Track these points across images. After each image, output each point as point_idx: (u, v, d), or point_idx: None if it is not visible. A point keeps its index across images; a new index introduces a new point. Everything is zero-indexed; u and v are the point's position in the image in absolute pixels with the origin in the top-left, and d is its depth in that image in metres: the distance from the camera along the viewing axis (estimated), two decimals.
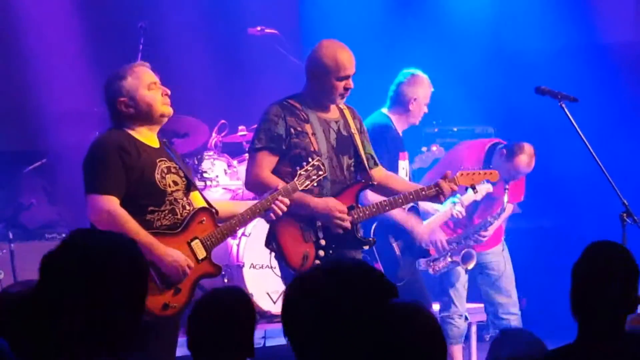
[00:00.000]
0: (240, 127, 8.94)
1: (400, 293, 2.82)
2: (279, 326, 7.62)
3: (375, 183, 6.04)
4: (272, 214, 5.45)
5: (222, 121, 9.02)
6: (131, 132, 5.19)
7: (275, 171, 5.83)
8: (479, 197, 7.39)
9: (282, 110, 5.85)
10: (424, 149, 6.85)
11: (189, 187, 5.34)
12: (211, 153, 8.82)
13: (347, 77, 5.90)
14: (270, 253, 5.99)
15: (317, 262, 5.74)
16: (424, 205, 7.26)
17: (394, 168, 6.98)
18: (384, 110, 7.33)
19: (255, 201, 5.56)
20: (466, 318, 7.87)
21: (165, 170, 5.19)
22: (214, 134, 8.99)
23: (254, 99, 7.84)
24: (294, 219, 5.76)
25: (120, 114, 5.19)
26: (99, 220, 5.01)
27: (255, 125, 6.07)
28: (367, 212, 5.91)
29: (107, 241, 2.75)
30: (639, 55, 10.11)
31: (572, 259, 7.31)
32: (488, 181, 7.00)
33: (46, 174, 9.11)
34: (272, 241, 5.84)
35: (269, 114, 5.87)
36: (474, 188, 6.33)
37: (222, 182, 8.49)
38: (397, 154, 7.19)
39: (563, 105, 6.81)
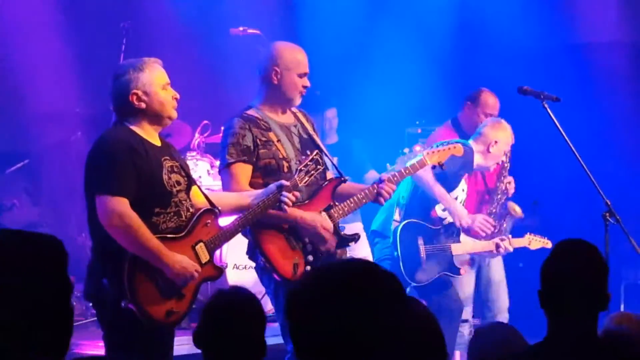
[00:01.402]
0: (223, 128, 8.93)
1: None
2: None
3: (348, 178, 6.05)
4: (284, 205, 5.37)
5: (205, 122, 9.02)
6: (136, 129, 5.06)
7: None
8: (532, 247, 7.53)
9: (246, 122, 5.80)
10: (406, 150, 6.84)
11: (190, 185, 5.24)
12: (194, 154, 8.81)
13: (305, 75, 5.93)
14: (259, 263, 5.83)
15: (308, 268, 5.69)
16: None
17: (454, 184, 7.25)
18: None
19: (257, 191, 5.48)
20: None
21: (170, 170, 5.08)
22: (196, 135, 8.98)
23: (237, 99, 7.81)
24: (276, 230, 5.72)
25: (129, 107, 5.05)
26: (111, 224, 4.85)
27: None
28: (346, 209, 5.90)
29: (23, 243, 2.64)
30: (621, 56, 10.14)
31: None
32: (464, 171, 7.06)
33: (28, 175, 9.08)
34: (258, 255, 5.74)
35: (233, 127, 5.79)
36: (442, 166, 6.35)
37: (205, 182, 8.47)
38: (462, 173, 7.37)
39: (546, 105, 6.83)
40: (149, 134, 5.11)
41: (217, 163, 8.69)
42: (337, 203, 5.89)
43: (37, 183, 9.32)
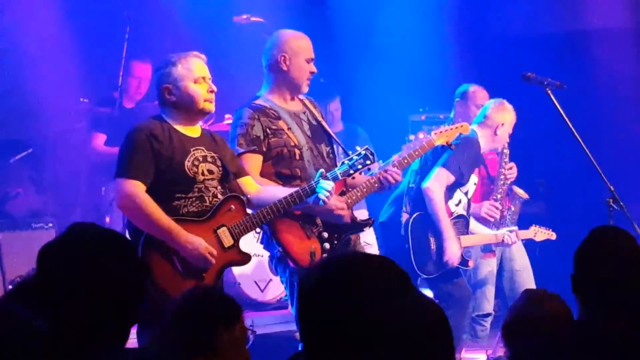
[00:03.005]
0: (226, 116, 8.92)
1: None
2: (266, 314, 7.65)
3: None
4: (324, 198, 5.39)
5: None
6: (170, 120, 5.26)
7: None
8: (538, 238, 7.52)
9: (255, 112, 5.84)
10: (411, 137, 6.84)
11: (227, 176, 5.34)
12: None
13: (312, 60, 5.98)
14: (275, 252, 5.86)
15: (325, 255, 5.71)
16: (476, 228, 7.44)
17: (465, 180, 7.25)
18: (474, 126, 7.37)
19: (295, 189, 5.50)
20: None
21: (201, 159, 5.22)
22: (200, 123, 8.97)
23: (240, 87, 7.81)
24: (291, 218, 5.74)
25: (163, 100, 5.27)
26: (122, 205, 5.12)
27: None
28: (359, 194, 5.91)
29: (103, 238, 2.76)
30: (625, 42, 10.11)
31: (559, 243, 7.35)
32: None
33: (33, 163, 9.08)
34: (274, 244, 5.77)
35: (242, 118, 5.85)
36: (450, 145, 6.35)
37: None
38: (473, 169, 7.38)
39: (549, 92, 6.82)
40: (184, 125, 5.30)
41: None
42: (349, 189, 5.90)
43: (41, 172, 9.31)
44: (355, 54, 10.24)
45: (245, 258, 5.33)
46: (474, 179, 7.42)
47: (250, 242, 7.99)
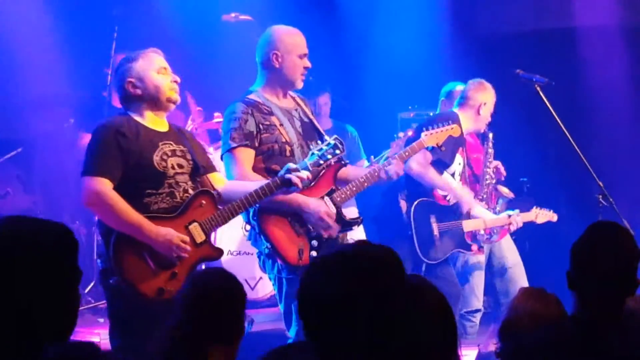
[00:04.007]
0: (216, 114, 8.92)
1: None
2: (257, 312, 7.62)
3: (348, 162, 6.08)
4: (297, 183, 5.30)
5: (198, 108, 9.01)
6: (136, 116, 5.22)
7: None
8: (539, 220, 7.54)
9: (248, 106, 5.82)
10: (400, 134, 6.86)
11: (197, 170, 5.30)
12: None
13: (305, 55, 5.97)
14: (263, 249, 5.84)
15: (313, 253, 5.70)
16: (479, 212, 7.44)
17: (450, 160, 7.33)
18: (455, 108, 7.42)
19: (266, 181, 5.45)
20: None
21: (169, 153, 5.18)
22: (189, 122, 8.97)
23: (229, 85, 7.81)
24: (280, 216, 5.74)
25: (127, 95, 5.23)
26: (89, 202, 5.04)
27: None
28: (348, 193, 5.91)
29: (26, 228, 2.70)
30: (616, 39, 10.13)
31: (549, 239, 7.35)
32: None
33: (21, 163, 9.06)
34: (263, 241, 5.76)
35: (236, 112, 5.82)
36: (440, 147, 6.37)
37: None
38: (457, 148, 7.43)
39: (538, 89, 6.85)
40: (151, 119, 5.24)
41: (211, 149, 8.72)
42: (339, 187, 5.90)
43: (30, 171, 9.30)
44: (345, 51, 10.25)
45: (217, 253, 5.30)
46: (458, 159, 7.43)
47: (240, 240, 8.00)
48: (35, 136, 9.27)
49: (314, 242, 5.74)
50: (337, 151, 5.55)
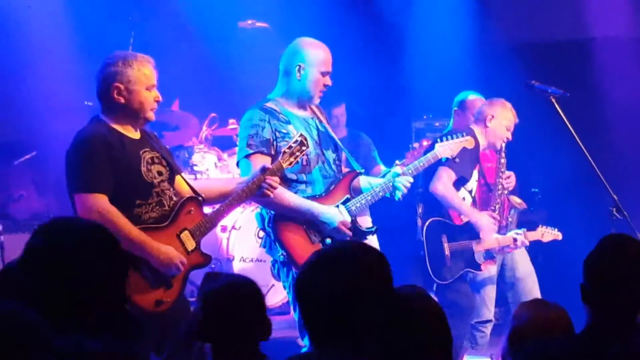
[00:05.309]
0: (230, 120, 8.94)
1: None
2: (271, 319, 7.64)
3: (363, 171, 6.10)
4: (265, 191, 5.32)
5: (213, 114, 9.03)
6: (113, 123, 5.07)
7: None
8: (545, 239, 7.53)
9: (265, 114, 5.84)
10: (415, 144, 6.88)
11: (173, 175, 5.25)
12: (201, 146, 8.81)
13: (328, 73, 5.97)
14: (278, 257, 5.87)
15: None
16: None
17: (468, 176, 7.31)
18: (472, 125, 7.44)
19: (241, 179, 5.48)
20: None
21: (150, 161, 5.11)
22: (204, 127, 8.99)
23: (245, 92, 7.84)
24: (296, 222, 5.77)
25: (108, 99, 5.06)
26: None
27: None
28: (363, 202, 5.93)
29: (80, 229, 2.90)
30: (629, 51, 10.11)
31: (562, 252, 7.34)
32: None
33: (36, 166, 9.09)
34: (278, 248, 5.77)
35: (253, 119, 5.83)
36: (454, 159, 6.38)
37: (212, 175, 8.48)
38: (474, 165, 7.41)
39: (553, 100, 6.83)
40: (126, 127, 5.12)
41: (225, 156, 8.74)
42: (353, 196, 5.92)
43: (44, 174, 9.32)
44: (360, 60, 10.25)
45: (206, 260, 5.26)
46: (475, 175, 7.45)
47: (253, 247, 8.01)
48: (50, 140, 9.30)
49: None
50: (304, 147, 5.56)
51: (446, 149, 6.31)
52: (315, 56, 5.93)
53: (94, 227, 2.94)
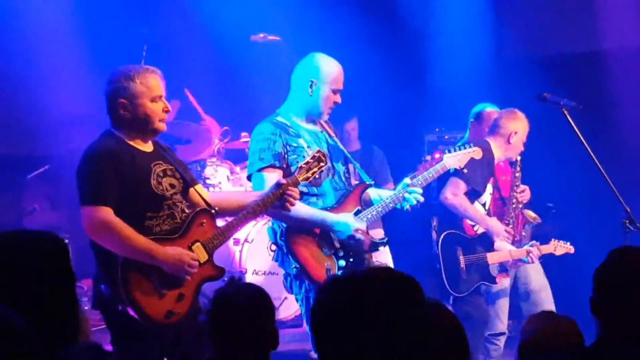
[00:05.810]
0: (243, 134, 8.95)
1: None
2: (281, 332, 7.63)
3: (373, 183, 6.12)
4: (287, 204, 5.33)
5: (225, 127, 9.05)
6: (124, 136, 5.09)
7: None
8: (557, 252, 7.53)
9: (276, 128, 5.86)
10: (427, 157, 6.86)
11: (187, 187, 5.23)
12: (214, 159, 8.83)
13: (339, 91, 5.99)
14: (291, 270, 5.86)
15: (340, 272, 5.72)
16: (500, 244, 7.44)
17: (482, 189, 7.33)
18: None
19: (256, 193, 5.47)
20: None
21: (162, 174, 5.09)
22: (216, 141, 9.00)
23: (257, 105, 7.84)
24: (308, 234, 5.78)
25: (116, 114, 5.08)
26: (95, 232, 4.90)
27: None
28: (374, 213, 5.94)
29: (17, 240, 2.86)
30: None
31: (575, 264, 7.32)
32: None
33: (49, 180, 9.12)
34: (291, 261, 5.78)
35: (264, 133, 5.85)
36: (462, 170, 6.39)
37: (225, 188, 8.50)
38: (488, 178, 7.43)
39: (565, 112, 6.82)
40: (137, 141, 5.13)
41: (237, 169, 8.76)
42: (364, 207, 5.93)
43: (57, 188, 9.35)
44: (373, 73, 10.26)
45: (219, 272, 5.21)
46: (489, 188, 7.45)
47: (265, 260, 8.02)
48: (63, 154, 9.34)
49: (341, 262, 5.77)
50: (322, 163, 5.56)
51: (454, 159, 6.32)
52: (328, 73, 5.94)
53: (43, 238, 2.89)
